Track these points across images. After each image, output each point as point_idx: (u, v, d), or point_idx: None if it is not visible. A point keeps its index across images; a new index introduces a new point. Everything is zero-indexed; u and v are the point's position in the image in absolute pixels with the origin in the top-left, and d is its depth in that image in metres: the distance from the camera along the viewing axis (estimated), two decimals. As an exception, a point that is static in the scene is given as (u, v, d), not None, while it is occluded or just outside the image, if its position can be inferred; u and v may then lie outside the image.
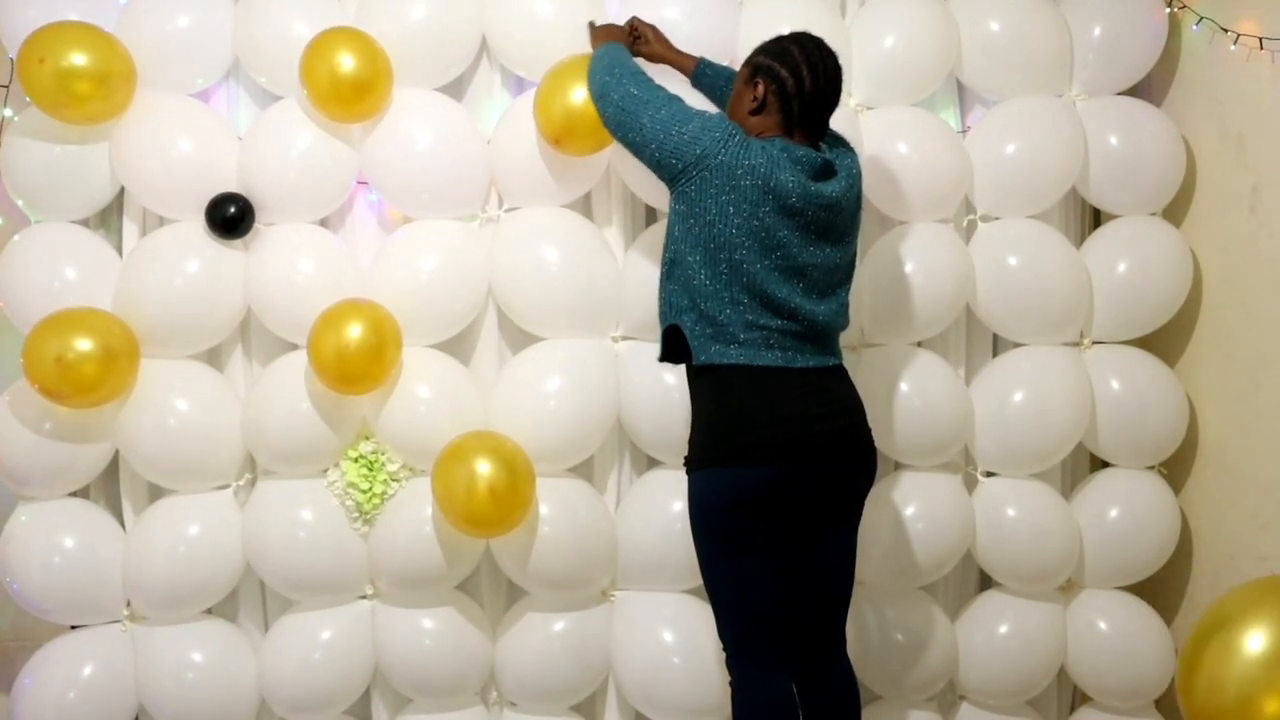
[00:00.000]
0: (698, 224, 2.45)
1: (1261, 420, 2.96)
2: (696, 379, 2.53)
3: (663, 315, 2.55)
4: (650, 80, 2.58)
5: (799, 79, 2.47)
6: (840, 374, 2.57)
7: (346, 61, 2.81)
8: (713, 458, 2.48)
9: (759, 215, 2.41)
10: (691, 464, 2.53)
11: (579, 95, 2.75)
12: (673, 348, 2.55)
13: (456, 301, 2.95)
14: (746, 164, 2.40)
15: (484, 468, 2.71)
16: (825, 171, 2.48)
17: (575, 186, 2.99)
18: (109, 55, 2.84)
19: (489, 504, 2.71)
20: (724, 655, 2.59)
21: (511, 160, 2.96)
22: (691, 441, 2.55)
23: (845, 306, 2.58)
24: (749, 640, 2.52)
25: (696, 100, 2.69)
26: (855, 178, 2.55)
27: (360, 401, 2.87)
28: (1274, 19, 2.86)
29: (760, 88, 2.49)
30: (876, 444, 2.61)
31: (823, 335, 2.52)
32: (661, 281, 2.55)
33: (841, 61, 2.53)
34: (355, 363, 2.75)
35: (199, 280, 2.90)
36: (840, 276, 2.55)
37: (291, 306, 2.88)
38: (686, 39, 2.94)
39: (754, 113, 2.50)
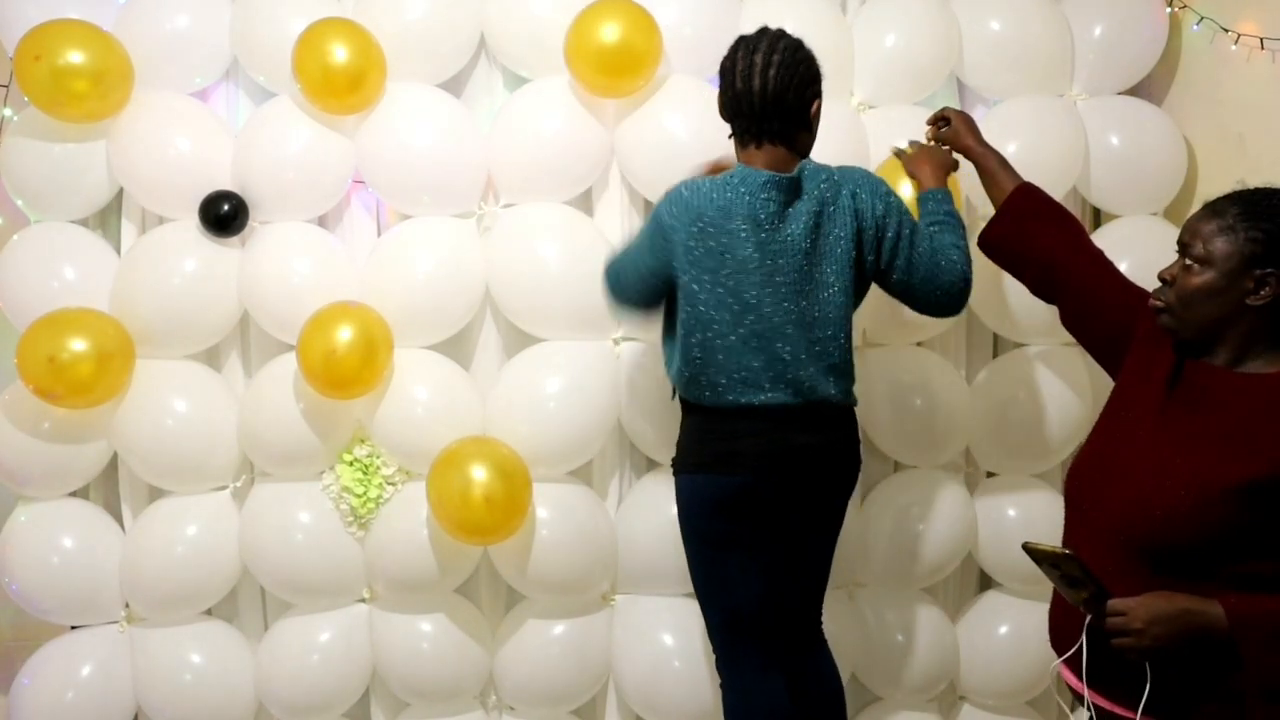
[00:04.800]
0: (680, 306, 2.42)
1: (1261, 420, 2.96)
2: None
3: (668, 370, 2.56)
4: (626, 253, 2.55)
5: (734, 87, 2.38)
6: (830, 408, 2.45)
7: (339, 52, 2.80)
8: (693, 462, 2.49)
9: (720, 277, 2.35)
10: (676, 466, 2.55)
11: (610, 32, 2.76)
12: None
13: (453, 301, 2.94)
14: (698, 227, 2.35)
15: (480, 475, 2.70)
16: (794, 191, 2.36)
17: (575, 183, 2.98)
18: (106, 53, 2.84)
19: (484, 512, 2.70)
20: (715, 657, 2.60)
21: (509, 156, 2.95)
22: (678, 444, 2.55)
23: (836, 370, 2.42)
24: (734, 641, 2.55)
25: None
26: (836, 210, 2.38)
27: (355, 404, 2.86)
28: (1274, 19, 2.86)
29: (720, 98, 2.44)
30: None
31: (808, 399, 2.41)
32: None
33: (807, 54, 2.40)
34: (344, 367, 2.73)
35: (195, 280, 2.90)
36: (822, 333, 2.39)
37: (286, 306, 2.87)
38: (687, 40, 2.93)
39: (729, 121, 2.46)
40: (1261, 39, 2.86)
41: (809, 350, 2.38)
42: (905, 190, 2.66)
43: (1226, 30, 2.95)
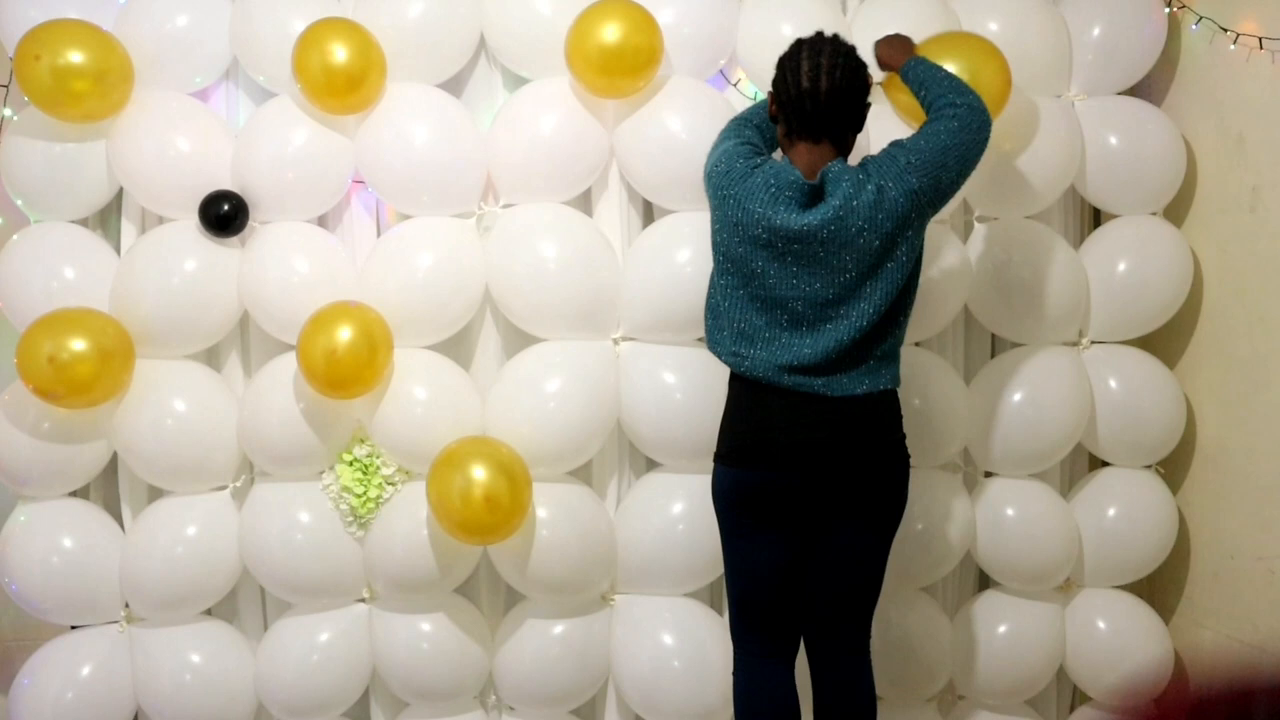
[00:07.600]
0: (712, 239, 2.53)
1: (1260, 420, 2.97)
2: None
3: None
4: (746, 124, 2.61)
5: (788, 85, 2.43)
6: (848, 401, 2.47)
7: (339, 52, 2.80)
8: (718, 453, 2.56)
9: (733, 243, 2.45)
10: (715, 454, 2.60)
11: (610, 33, 2.78)
12: None
13: (453, 301, 2.93)
14: (723, 194, 2.45)
15: (480, 475, 2.70)
16: (815, 196, 2.41)
17: (574, 182, 2.98)
18: (106, 53, 2.84)
19: (484, 512, 2.70)
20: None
21: (509, 156, 2.95)
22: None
23: (842, 346, 2.44)
24: (743, 625, 2.62)
25: None
26: (860, 205, 2.39)
27: (355, 404, 2.86)
28: (1274, 19, 2.86)
29: (771, 96, 2.50)
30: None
31: (817, 369, 2.46)
32: None
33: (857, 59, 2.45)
34: (344, 366, 2.73)
35: (195, 280, 2.89)
36: (833, 312, 2.44)
37: (286, 306, 2.87)
38: (686, 39, 2.94)
39: (774, 120, 2.52)
40: (1261, 39, 2.87)
41: (811, 323, 2.44)
42: None
43: (1225, 30, 2.95)
